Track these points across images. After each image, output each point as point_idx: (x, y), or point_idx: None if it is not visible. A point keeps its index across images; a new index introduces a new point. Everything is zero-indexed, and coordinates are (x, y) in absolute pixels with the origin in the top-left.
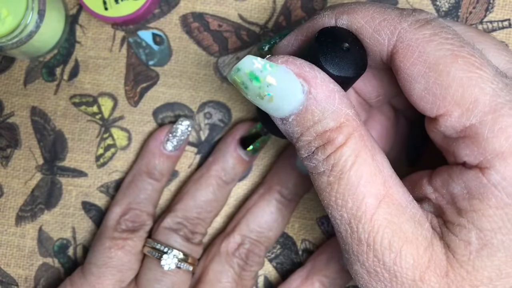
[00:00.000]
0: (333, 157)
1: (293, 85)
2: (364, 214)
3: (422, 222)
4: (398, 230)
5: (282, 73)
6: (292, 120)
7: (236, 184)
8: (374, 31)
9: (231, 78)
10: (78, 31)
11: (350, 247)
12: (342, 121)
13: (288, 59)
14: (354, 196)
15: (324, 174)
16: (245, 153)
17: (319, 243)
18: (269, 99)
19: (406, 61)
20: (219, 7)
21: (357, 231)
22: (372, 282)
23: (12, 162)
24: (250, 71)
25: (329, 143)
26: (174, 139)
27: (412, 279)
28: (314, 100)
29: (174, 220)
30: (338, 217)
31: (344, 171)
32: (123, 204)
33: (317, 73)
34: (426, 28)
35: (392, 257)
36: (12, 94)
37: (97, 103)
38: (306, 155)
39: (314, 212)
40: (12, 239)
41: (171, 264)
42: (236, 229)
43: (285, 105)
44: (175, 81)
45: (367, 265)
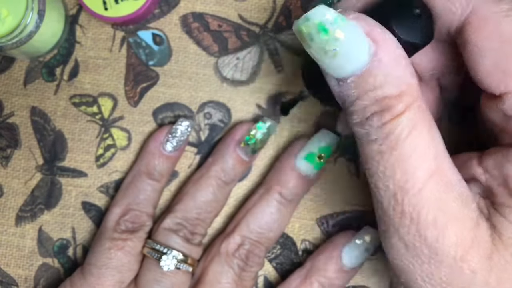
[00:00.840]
0: (389, 125)
1: (361, 43)
2: (412, 187)
3: (469, 201)
4: (444, 207)
5: (353, 29)
6: (351, 82)
7: (236, 184)
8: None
9: (297, 28)
10: (78, 31)
11: (391, 220)
12: (403, 89)
13: (360, 16)
14: (404, 168)
15: (376, 142)
16: (245, 153)
17: (319, 243)
18: (334, 54)
19: (479, 34)
20: (219, 7)
21: (402, 204)
22: (408, 256)
23: (12, 162)
24: (320, 22)
25: (387, 110)
26: (173, 139)
27: (453, 257)
28: (380, 62)
29: (173, 220)
30: (383, 187)
31: (399, 141)
32: (122, 204)
33: (387, 36)
34: (504, 2)
35: (435, 233)
36: (12, 94)
37: (97, 103)
38: (358, 120)
39: (314, 212)
40: (12, 239)
41: (170, 265)
42: (236, 230)
43: (348, 64)
44: (175, 81)
45: (407, 238)
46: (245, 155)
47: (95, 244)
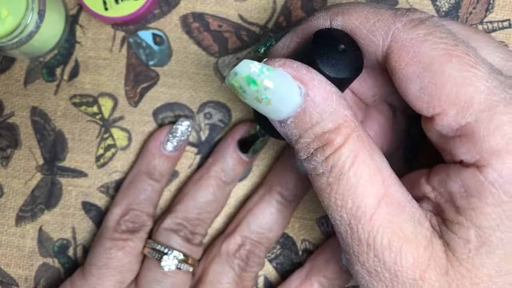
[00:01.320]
0: (332, 158)
1: (290, 88)
2: (364, 214)
3: (422, 221)
4: (397, 230)
5: (280, 76)
6: (290, 123)
7: (236, 184)
8: (369, 32)
9: (229, 83)
10: (78, 31)
11: (351, 248)
12: (340, 122)
13: (285, 62)
14: (353, 197)
15: (324, 175)
16: (245, 154)
17: (319, 243)
18: (267, 102)
19: (401, 62)
20: (219, 7)
21: (357, 231)
22: (373, 282)
23: (12, 162)
24: (247, 75)
25: (328, 145)
26: (174, 139)
27: (412, 278)
28: (312, 102)
29: (174, 221)
30: (338, 217)
31: (343, 171)
32: (123, 205)
33: (314, 75)
34: (420, 27)
35: (392, 256)
36: (12, 94)
37: (97, 103)
38: (305, 157)
39: (314, 212)
40: (12, 239)
41: (171, 265)
42: (237, 230)
43: (283, 108)
44: (175, 81)
45: (368, 265)
46: (245, 156)
47: (95, 244)
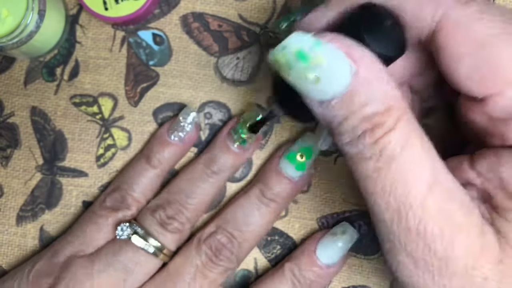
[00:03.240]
0: (382, 141)
1: (342, 65)
2: (415, 201)
3: (472, 208)
4: (449, 217)
5: (332, 52)
6: (336, 103)
7: (226, 178)
8: (417, 7)
9: (273, 58)
10: (78, 31)
11: (396, 237)
12: (391, 103)
13: (335, 37)
14: (404, 182)
15: (371, 159)
16: (233, 142)
17: None
18: (316, 80)
19: (453, 39)
20: (219, 7)
21: (406, 219)
22: (418, 272)
23: (12, 162)
24: (299, 49)
25: (378, 127)
26: (177, 128)
27: (463, 267)
28: (363, 81)
29: (155, 202)
30: (384, 204)
31: (394, 155)
32: (116, 182)
33: (366, 53)
34: (472, 5)
35: (444, 245)
36: (12, 94)
37: (97, 103)
38: (348, 140)
39: (314, 212)
40: (13, 238)
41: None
42: (213, 220)
43: (331, 87)
44: (175, 81)
45: (415, 255)
46: (233, 145)
47: (82, 215)
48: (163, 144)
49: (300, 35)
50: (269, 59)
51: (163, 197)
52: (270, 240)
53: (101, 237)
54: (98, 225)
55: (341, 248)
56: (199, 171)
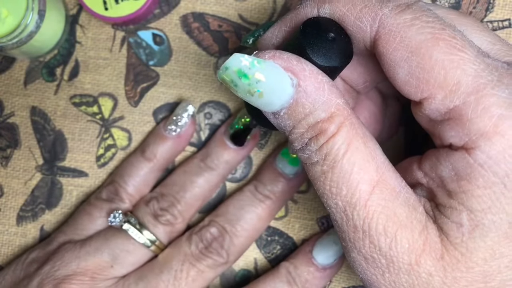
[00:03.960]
0: (325, 147)
1: (282, 79)
2: (359, 200)
3: (416, 206)
4: (392, 215)
5: (270, 68)
6: (284, 114)
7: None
8: (356, 19)
9: (220, 77)
10: (78, 31)
11: (347, 235)
12: (332, 111)
13: (275, 53)
14: (348, 184)
15: (318, 164)
16: (229, 139)
17: None
18: (259, 95)
19: (389, 47)
20: (219, 7)
21: (352, 218)
22: (370, 268)
23: (12, 162)
24: (238, 69)
25: (322, 134)
26: (174, 121)
27: (408, 263)
28: (304, 92)
29: (151, 194)
30: (333, 205)
31: (337, 159)
32: (112, 176)
33: (305, 66)
34: (406, 12)
35: (388, 242)
36: (12, 94)
37: (97, 103)
38: (299, 147)
39: (314, 212)
40: (14, 238)
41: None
42: (208, 216)
43: (275, 100)
44: (175, 81)
45: (364, 251)
46: (229, 142)
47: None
48: (159, 137)
49: (238, 55)
50: (218, 78)
51: (157, 190)
52: (270, 240)
53: (93, 228)
54: (91, 215)
55: (337, 248)
56: (194, 165)
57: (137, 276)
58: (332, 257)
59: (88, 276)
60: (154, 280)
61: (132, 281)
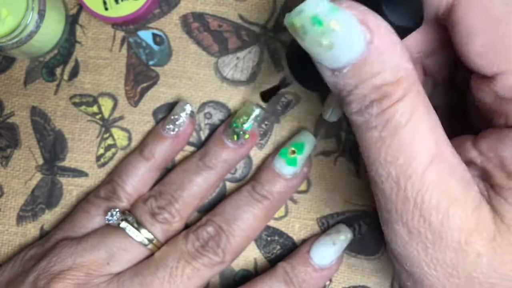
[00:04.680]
0: (388, 111)
1: (356, 32)
2: (415, 171)
3: (471, 184)
4: (447, 190)
5: (348, 18)
6: (347, 71)
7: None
8: None
9: (289, 22)
10: (78, 31)
11: (394, 206)
12: (401, 75)
13: (352, 3)
14: (406, 153)
15: (376, 129)
16: (228, 136)
17: None
18: (330, 46)
19: (469, 14)
20: (219, 7)
21: (405, 189)
22: (412, 243)
23: (12, 162)
24: (315, 14)
25: (386, 97)
26: (173, 120)
27: (457, 241)
28: (376, 50)
29: (149, 193)
30: (385, 174)
31: (399, 126)
32: (112, 173)
33: (381, 22)
34: None
35: (440, 217)
36: (12, 94)
37: (97, 103)
38: (357, 109)
39: (314, 212)
40: (14, 238)
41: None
42: (205, 215)
43: (344, 54)
44: (175, 81)
45: (411, 224)
46: (227, 139)
47: None
48: (157, 137)
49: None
50: (285, 22)
51: (156, 188)
52: (270, 240)
53: (91, 226)
54: (89, 213)
55: (334, 249)
56: (192, 164)
57: (133, 272)
58: (329, 258)
59: (83, 272)
60: (149, 276)
61: (127, 277)
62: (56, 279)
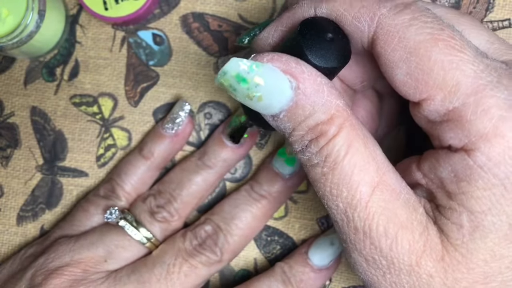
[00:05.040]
0: (326, 148)
1: (281, 82)
2: (359, 202)
3: (416, 207)
4: (393, 216)
5: (269, 71)
6: (283, 117)
7: (222, 175)
8: (354, 19)
9: (218, 82)
10: (78, 31)
11: (347, 236)
12: (332, 112)
13: (273, 56)
14: (348, 185)
15: (318, 165)
16: (227, 138)
17: None
18: (258, 98)
19: (387, 47)
20: (219, 7)
21: (353, 220)
22: (370, 269)
23: (12, 162)
24: (237, 73)
25: (322, 136)
26: (172, 120)
27: (409, 264)
28: (303, 95)
29: (148, 191)
30: (334, 207)
31: (338, 161)
32: (112, 172)
33: (304, 68)
34: (405, 12)
35: (388, 243)
36: (12, 94)
37: (97, 103)
38: (299, 149)
39: (314, 212)
40: (14, 238)
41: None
42: (204, 214)
43: (274, 103)
44: (175, 81)
45: (365, 253)
46: (227, 140)
47: None
48: (157, 136)
49: (237, 60)
50: (216, 83)
51: (155, 187)
52: (270, 240)
53: (90, 224)
54: (88, 212)
55: (332, 249)
56: (191, 163)
57: (130, 269)
58: (327, 258)
59: (81, 268)
60: (147, 274)
61: (124, 274)
62: (53, 274)
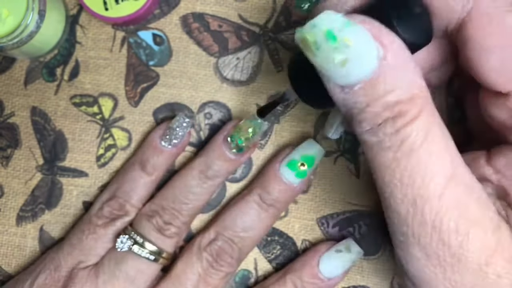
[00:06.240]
0: (403, 131)
1: (369, 49)
2: (433, 194)
3: (489, 204)
4: (465, 212)
5: (361, 34)
6: (359, 89)
7: (221, 182)
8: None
9: (301, 36)
10: (78, 32)
11: (410, 229)
12: (415, 92)
13: (366, 19)
14: (423, 175)
15: (390, 149)
16: (229, 149)
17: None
18: (342, 63)
19: (483, 31)
20: (219, 7)
21: (422, 212)
22: (430, 267)
23: (12, 162)
24: (329, 29)
25: (400, 116)
26: (171, 135)
27: (477, 263)
28: (390, 67)
29: (150, 207)
30: (400, 196)
31: (415, 147)
32: (111, 191)
33: (394, 38)
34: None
35: (459, 240)
36: (13, 94)
37: (98, 103)
38: (369, 128)
39: (314, 212)
40: (13, 239)
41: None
42: (212, 226)
43: (356, 71)
44: (175, 81)
45: (429, 248)
46: (229, 152)
47: (78, 223)
48: (157, 150)
49: (331, 14)
50: (296, 37)
51: (158, 203)
52: (270, 240)
53: (100, 246)
54: (97, 235)
55: (344, 265)
56: (194, 178)
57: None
58: (338, 271)
59: None
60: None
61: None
62: None
